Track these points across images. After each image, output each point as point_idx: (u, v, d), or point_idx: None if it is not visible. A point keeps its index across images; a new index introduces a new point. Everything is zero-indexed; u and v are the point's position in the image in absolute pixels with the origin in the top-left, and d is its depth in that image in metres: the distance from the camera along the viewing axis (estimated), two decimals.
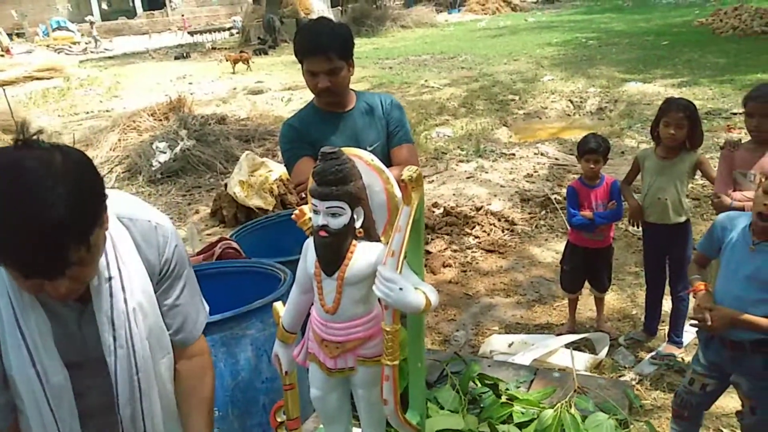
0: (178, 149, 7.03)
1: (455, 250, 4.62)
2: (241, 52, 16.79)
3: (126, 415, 1.33)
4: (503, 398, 1.70)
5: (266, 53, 18.89)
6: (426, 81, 11.65)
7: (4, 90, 5.56)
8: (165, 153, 6.95)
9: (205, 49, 21.77)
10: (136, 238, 1.31)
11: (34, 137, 1.09)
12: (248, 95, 11.80)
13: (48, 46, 25.12)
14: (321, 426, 1.50)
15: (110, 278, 1.25)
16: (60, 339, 1.24)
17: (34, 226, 1.00)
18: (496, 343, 3.29)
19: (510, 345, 3.23)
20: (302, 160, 2.34)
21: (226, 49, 20.09)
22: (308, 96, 2.48)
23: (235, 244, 2.80)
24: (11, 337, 1.18)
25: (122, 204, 1.31)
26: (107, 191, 1.16)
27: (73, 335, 1.27)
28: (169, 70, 16.26)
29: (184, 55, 19.98)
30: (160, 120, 8.17)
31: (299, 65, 2.34)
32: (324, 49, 2.23)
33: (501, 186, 5.81)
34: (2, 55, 20.50)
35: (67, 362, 1.25)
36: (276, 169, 5.75)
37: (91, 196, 1.09)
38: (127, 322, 1.28)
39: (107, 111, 11.38)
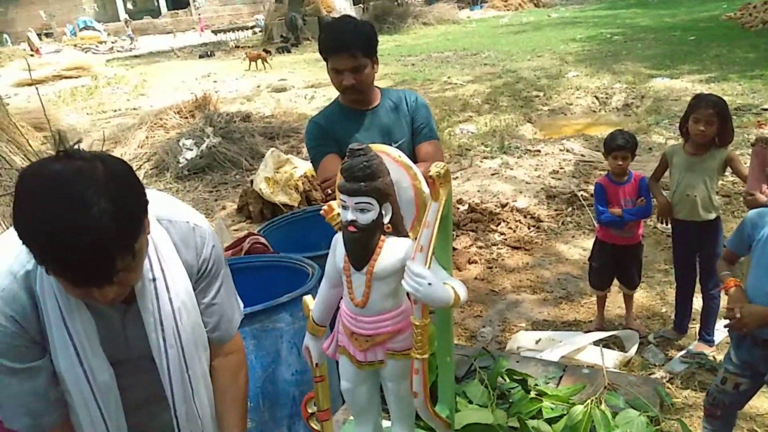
0: (204, 146, 7.12)
1: (480, 247, 4.61)
2: (264, 50, 16.91)
3: (182, 414, 1.36)
4: (532, 394, 1.69)
5: (289, 51, 18.99)
6: (449, 78, 11.60)
7: (36, 89, 5.67)
8: (191, 150, 7.04)
9: (228, 47, 21.96)
10: (175, 240, 1.33)
11: (75, 147, 1.11)
12: (272, 93, 11.88)
13: (75, 45, 25.56)
14: (351, 418, 1.51)
15: (154, 279, 1.28)
16: (105, 339, 1.26)
17: (81, 240, 1.02)
18: (523, 339, 3.27)
19: (537, 342, 3.21)
20: (328, 157, 2.36)
21: (249, 47, 20.24)
22: (331, 93, 2.49)
23: (263, 240, 2.83)
24: (59, 338, 1.21)
25: (161, 205, 1.33)
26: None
27: (117, 335, 1.30)
28: (194, 69, 16.44)
29: (209, 53, 20.20)
30: (186, 118, 8.28)
31: (322, 63, 2.35)
32: (348, 46, 2.24)
33: (526, 183, 5.77)
34: (32, 55, 20.91)
35: (112, 361, 1.28)
36: (301, 166, 5.79)
37: (134, 205, 1.11)
38: (173, 321, 1.31)
39: (134, 109, 11.55)
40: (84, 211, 1.01)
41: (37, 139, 6.07)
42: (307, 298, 1.43)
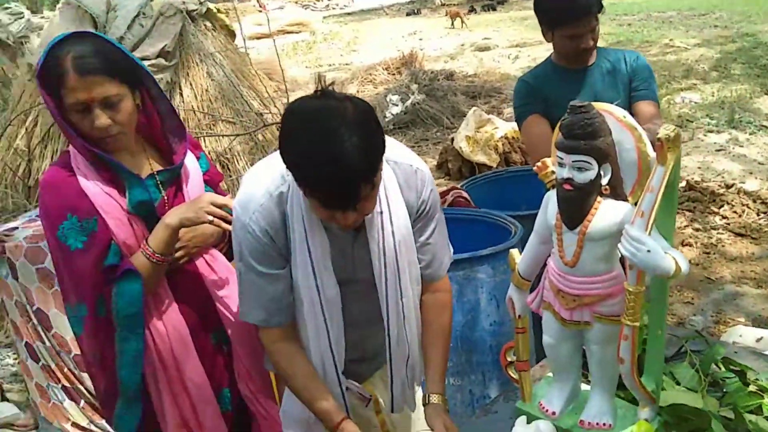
0: (409, 102, 7.40)
1: (697, 229, 4.25)
2: (471, 8, 16.79)
3: (393, 335, 1.50)
4: (752, 387, 1.54)
5: (494, 9, 18.61)
6: (671, 40, 10.53)
7: (273, 41, 6.40)
8: (397, 105, 7.36)
9: (434, 5, 22.14)
10: (400, 180, 1.45)
11: (330, 88, 1.26)
12: (475, 52, 11.81)
13: (296, 2, 27.64)
14: (549, 374, 1.52)
15: (381, 212, 1.41)
16: (335, 259, 1.42)
17: (335, 169, 1.17)
18: (742, 335, 2.96)
19: (758, 340, 2.87)
20: (532, 116, 2.34)
21: (454, 4, 20.21)
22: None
23: (465, 194, 2.91)
24: (300, 252, 1.39)
25: (388, 147, 1.42)
26: None
27: (346, 257, 1.45)
28: (401, 26, 16.89)
29: (415, 11, 20.57)
30: (393, 74, 8.65)
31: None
32: (589, 9, 2.19)
33: (759, 163, 5.17)
34: (260, 11, 23.07)
35: (339, 279, 1.44)
36: (501, 127, 5.75)
37: (377, 142, 1.24)
38: (394, 252, 1.44)
39: (347, 64, 12.26)
40: (338, 144, 1.16)
41: (270, 86, 6.77)
42: (514, 252, 1.46)
